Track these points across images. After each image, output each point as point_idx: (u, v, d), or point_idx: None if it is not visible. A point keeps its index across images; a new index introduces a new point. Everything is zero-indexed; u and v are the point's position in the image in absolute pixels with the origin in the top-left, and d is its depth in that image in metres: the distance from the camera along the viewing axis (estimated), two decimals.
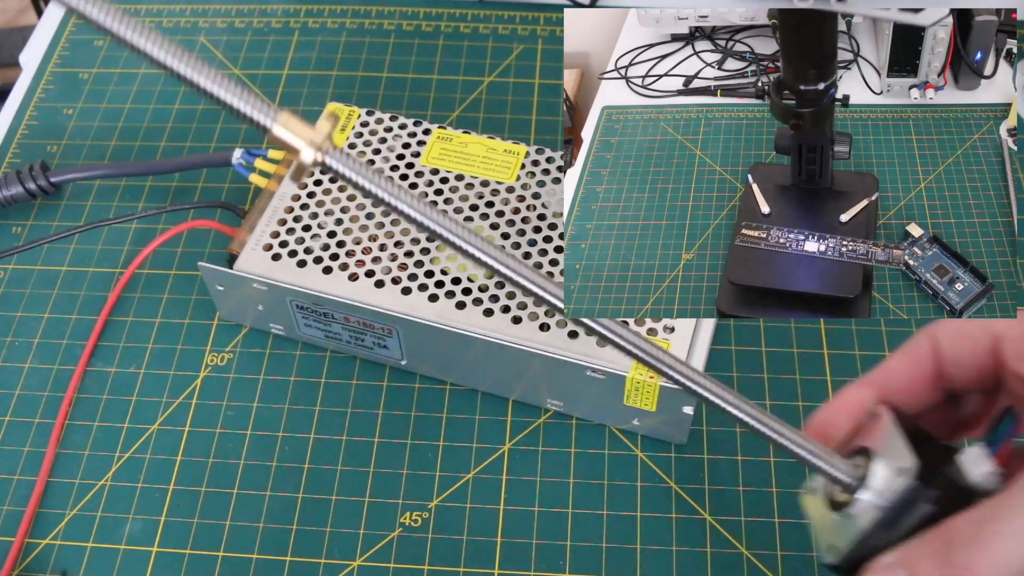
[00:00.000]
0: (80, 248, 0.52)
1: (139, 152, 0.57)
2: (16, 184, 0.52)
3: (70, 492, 0.44)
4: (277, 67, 0.60)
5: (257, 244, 0.45)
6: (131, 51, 0.23)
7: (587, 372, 0.41)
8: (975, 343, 0.28)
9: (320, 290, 0.43)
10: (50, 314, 0.50)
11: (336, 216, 0.46)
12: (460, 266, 0.44)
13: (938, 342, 0.28)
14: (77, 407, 0.46)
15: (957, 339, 0.28)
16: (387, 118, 0.50)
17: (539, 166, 0.48)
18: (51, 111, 0.59)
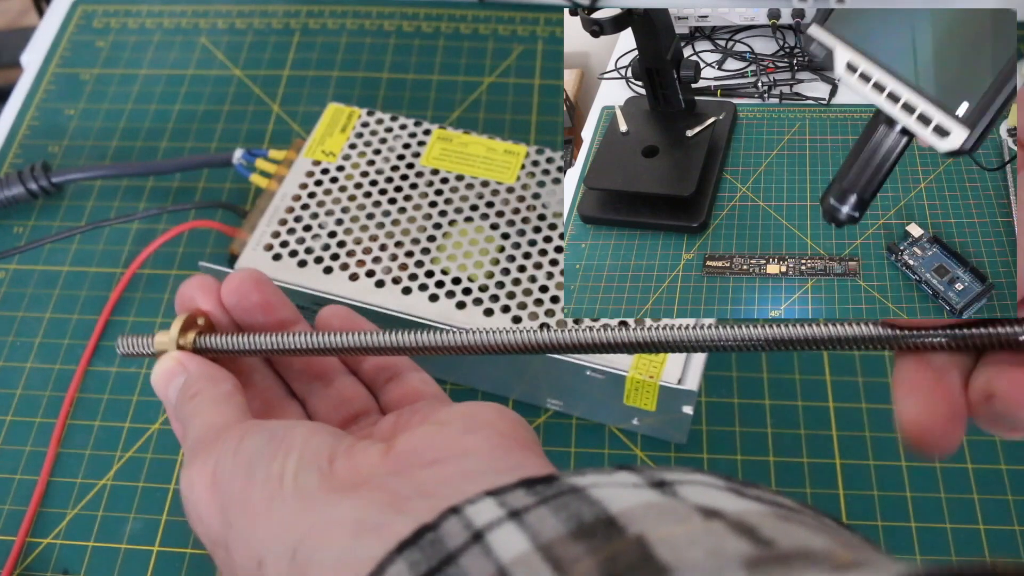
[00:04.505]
0: (81, 248, 0.52)
1: (140, 152, 0.57)
2: (17, 184, 0.53)
3: (71, 491, 0.44)
4: (278, 67, 0.60)
5: (258, 244, 0.45)
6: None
7: (587, 372, 0.41)
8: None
9: (320, 290, 0.43)
10: (51, 314, 0.50)
11: (337, 216, 0.46)
12: (460, 266, 0.44)
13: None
14: (78, 407, 0.46)
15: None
16: (387, 118, 0.50)
17: (539, 166, 0.48)
18: (52, 111, 0.59)
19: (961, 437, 0.24)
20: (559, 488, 0.21)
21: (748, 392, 0.46)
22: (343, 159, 0.48)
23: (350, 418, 0.33)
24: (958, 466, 0.44)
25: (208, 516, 0.26)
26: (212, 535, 0.26)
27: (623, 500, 0.20)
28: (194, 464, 0.27)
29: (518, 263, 0.44)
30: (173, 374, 0.31)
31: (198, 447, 0.27)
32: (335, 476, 0.25)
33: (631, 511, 0.19)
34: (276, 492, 0.24)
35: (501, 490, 0.21)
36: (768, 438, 0.45)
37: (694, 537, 0.18)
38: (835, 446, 0.45)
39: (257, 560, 0.24)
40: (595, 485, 0.20)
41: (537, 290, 0.43)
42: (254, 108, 0.58)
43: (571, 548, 0.18)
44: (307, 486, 0.24)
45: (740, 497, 0.20)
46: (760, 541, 0.18)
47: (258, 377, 0.34)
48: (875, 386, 0.47)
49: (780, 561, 0.17)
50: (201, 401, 0.29)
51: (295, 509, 0.24)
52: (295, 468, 0.25)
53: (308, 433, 0.26)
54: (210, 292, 0.33)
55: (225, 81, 0.60)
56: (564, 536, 0.19)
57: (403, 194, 0.47)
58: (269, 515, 0.24)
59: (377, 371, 0.34)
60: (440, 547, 0.20)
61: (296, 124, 0.57)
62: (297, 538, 0.23)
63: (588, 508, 0.19)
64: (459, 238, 0.45)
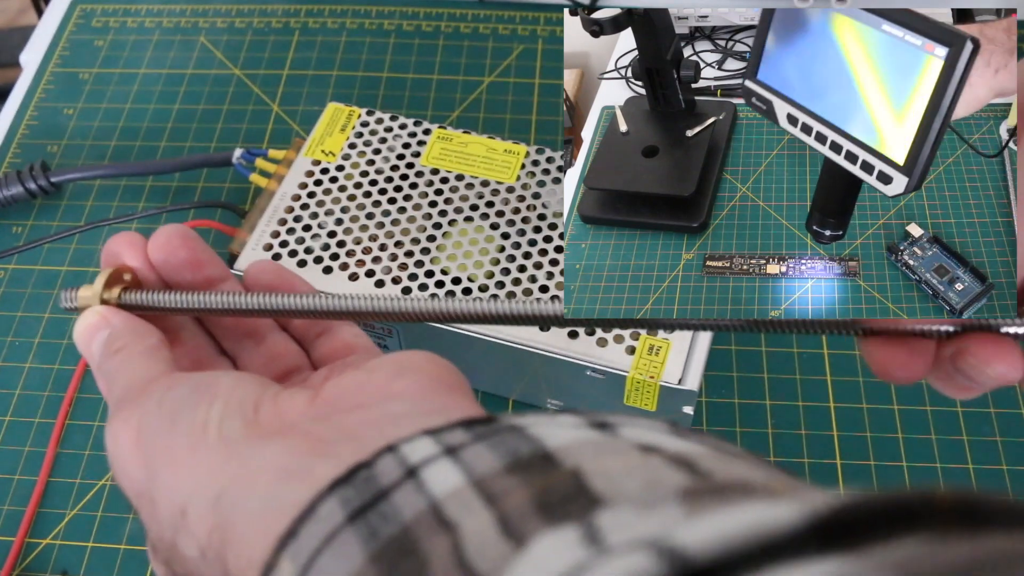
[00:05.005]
0: (80, 248, 0.52)
1: (139, 152, 0.57)
2: (16, 184, 0.52)
3: (70, 492, 0.44)
4: (277, 67, 0.60)
5: (257, 244, 0.45)
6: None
7: (587, 372, 0.41)
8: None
9: (320, 290, 0.43)
10: (50, 314, 0.50)
11: (336, 216, 0.46)
12: (460, 266, 0.44)
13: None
14: (77, 407, 0.46)
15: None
16: (387, 118, 0.50)
17: (539, 166, 0.48)
18: (51, 111, 0.59)
19: (923, 373, 0.25)
20: (497, 427, 0.21)
21: (749, 392, 0.46)
22: (343, 159, 0.48)
23: (282, 375, 0.33)
24: (959, 467, 0.44)
25: (133, 469, 0.26)
26: (137, 488, 0.26)
27: (561, 437, 0.20)
28: (118, 417, 0.26)
29: (518, 263, 0.44)
30: (97, 328, 0.31)
31: (123, 401, 0.27)
32: (259, 423, 0.24)
33: (568, 446, 0.19)
34: (200, 441, 0.24)
35: (439, 429, 0.21)
36: (769, 438, 0.45)
37: (630, 469, 0.18)
38: (836, 446, 0.44)
39: (180, 509, 0.24)
40: (534, 424, 0.20)
41: (537, 290, 0.43)
42: (253, 107, 0.58)
43: (505, 481, 0.18)
44: (231, 433, 0.24)
45: (682, 439, 0.20)
46: (697, 473, 0.18)
47: (187, 335, 0.33)
48: (876, 386, 0.47)
49: (716, 491, 0.17)
50: (126, 355, 0.29)
51: (218, 457, 0.24)
52: (219, 416, 0.25)
53: (233, 382, 0.26)
54: (137, 248, 0.32)
55: (224, 80, 0.60)
56: (499, 470, 0.19)
57: (403, 194, 0.47)
58: (192, 464, 0.24)
59: (307, 326, 0.34)
60: (373, 483, 0.20)
61: (296, 124, 0.57)
62: (220, 486, 0.23)
63: (525, 444, 0.19)
64: (459, 238, 0.45)
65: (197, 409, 0.25)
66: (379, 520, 0.19)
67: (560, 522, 0.16)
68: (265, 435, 0.24)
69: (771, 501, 0.15)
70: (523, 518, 0.17)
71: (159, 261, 0.32)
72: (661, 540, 0.14)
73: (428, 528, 0.18)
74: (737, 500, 0.16)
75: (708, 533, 0.14)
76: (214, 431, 0.24)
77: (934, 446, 0.45)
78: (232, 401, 0.25)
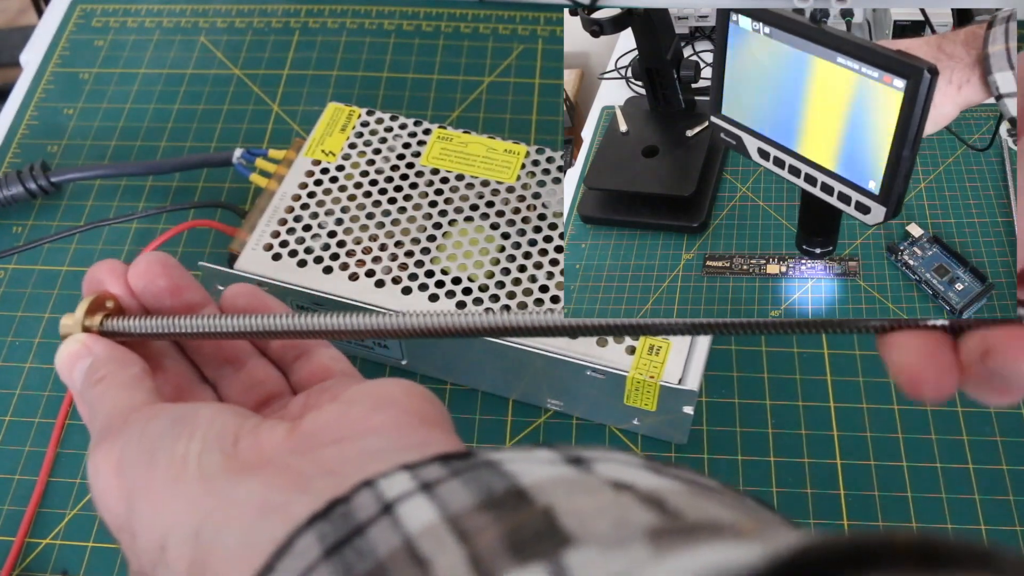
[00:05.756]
0: (80, 248, 0.52)
1: (139, 152, 0.57)
2: (16, 184, 0.52)
3: (70, 492, 0.44)
4: (277, 67, 0.60)
5: (257, 244, 0.45)
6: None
7: (587, 372, 0.41)
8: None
9: (320, 290, 0.43)
10: (51, 314, 0.50)
11: (336, 216, 0.46)
12: (460, 266, 0.44)
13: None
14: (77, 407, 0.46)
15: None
16: (387, 118, 0.50)
17: (539, 166, 0.48)
18: (51, 111, 0.59)
19: (954, 387, 0.24)
20: (473, 462, 0.21)
21: (749, 392, 0.46)
22: (343, 159, 0.48)
23: (262, 401, 0.33)
24: (959, 467, 0.44)
25: (114, 502, 0.26)
26: (118, 521, 0.26)
27: (535, 473, 0.20)
28: (99, 449, 0.27)
29: (518, 263, 0.44)
30: (78, 356, 0.31)
31: (104, 432, 0.27)
32: (239, 457, 0.24)
33: (541, 483, 0.19)
34: (180, 474, 0.24)
35: (416, 464, 0.21)
36: (769, 438, 0.45)
37: (601, 508, 0.18)
38: (836, 446, 0.44)
39: (160, 544, 0.24)
40: (510, 460, 0.20)
41: (537, 290, 0.43)
42: (254, 107, 0.58)
43: (478, 518, 0.18)
44: (210, 467, 0.24)
45: (656, 475, 0.20)
46: (667, 513, 0.18)
47: (169, 362, 0.33)
48: (876, 386, 0.47)
49: (684, 532, 0.17)
50: (108, 385, 0.29)
51: (198, 491, 0.24)
52: (199, 449, 0.25)
53: (212, 414, 0.26)
54: (118, 275, 0.33)
55: (224, 80, 0.60)
56: (472, 507, 0.19)
57: (403, 194, 0.47)
58: (172, 498, 0.24)
59: (285, 349, 0.34)
60: (350, 519, 0.20)
61: (296, 124, 0.57)
62: (199, 520, 0.23)
63: (499, 480, 0.20)
64: (459, 238, 0.45)
65: (177, 442, 0.25)
66: (354, 556, 0.19)
67: (529, 561, 0.17)
68: (244, 469, 0.24)
69: (735, 542, 0.15)
70: (494, 556, 0.17)
71: (139, 288, 0.33)
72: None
73: (402, 565, 0.18)
74: (704, 540, 0.16)
75: (674, 574, 0.14)
76: (193, 465, 0.24)
77: (934, 446, 0.45)
78: (211, 434, 0.25)
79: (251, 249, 0.45)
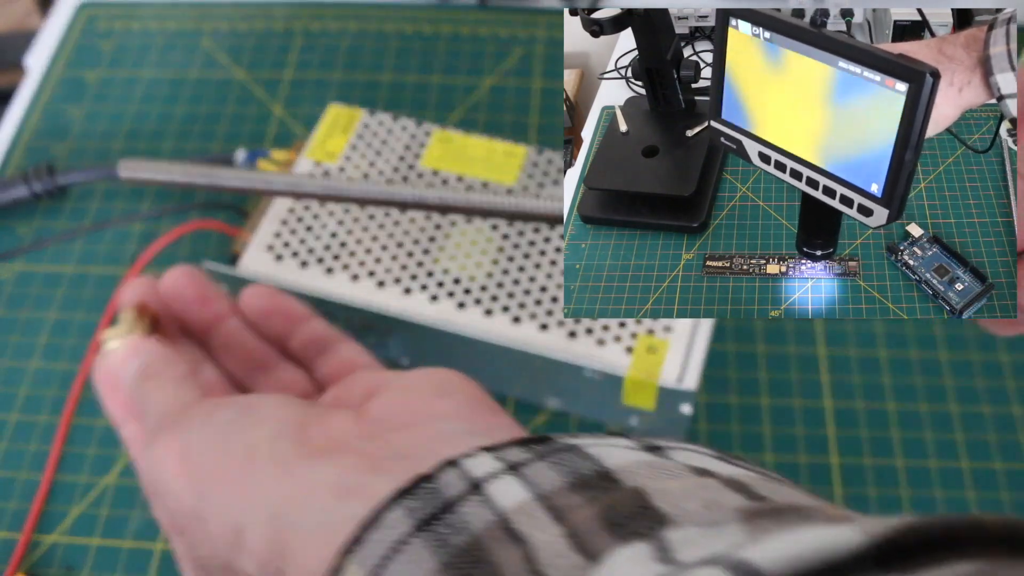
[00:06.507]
0: (85, 249, 0.53)
1: (143, 154, 0.57)
2: (21, 186, 0.53)
3: (76, 490, 0.44)
4: (279, 69, 0.61)
5: (260, 244, 0.45)
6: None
7: (585, 372, 0.41)
8: None
9: (322, 290, 0.44)
10: (56, 314, 0.50)
11: (338, 216, 0.46)
12: (460, 266, 0.44)
13: None
14: (83, 406, 0.47)
15: None
16: (388, 119, 0.50)
17: (539, 167, 0.48)
18: (56, 113, 0.59)
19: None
20: (555, 446, 0.21)
21: (746, 392, 0.46)
22: (344, 160, 0.49)
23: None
24: (952, 465, 0.44)
25: (179, 490, 0.26)
26: (183, 510, 0.26)
27: (619, 457, 0.20)
28: (159, 442, 0.27)
29: (518, 263, 0.45)
30: (129, 356, 0.31)
31: (163, 424, 0.27)
32: (309, 443, 0.25)
33: (627, 467, 0.19)
34: (253, 460, 0.25)
35: (497, 447, 0.21)
36: (765, 437, 0.45)
37: (689, 491, 0.18)
38: (832, 445, 0.45)
39: (235, 528, 0.24)
40: (591, 445, 0.21)
41: (537, 290, 0.44)
42: (256, 110, 0.59)
43: (571, 498, 0.18)
44: (282, 453, 0.24)
45: (728, 463, 0.21)
46: (754, 496, 0.18)
47: (206, 367, 0.34)
48: (872, 386, 0.47)
49: (774, 513, 0.17)
50: (161, 381, 0.30)
51: (273, 476, 0.24)
52: (269, 436, 0.25)
53: (277, 403, 0.27)
54: (151, 289, 0.34)
55: (227, 83, 0.60)
56: (563, 487, 0.19)
57: None
58: (246, 483, 0.24)
59: (305, 347, 0.34)
60: (438, 496, 0.20)
61: (298, 125, 0.58)
62: (277, 504, 0.23)
63: (585, 463, 0.20)
64: (459, 238, 0.45)
65: (246, 430, 0.25)
66: (448, 530, 0.19)
67: (630, 539, 0.17)
68: (316, 454, 0.24)
69: (831, 524, 0.16)
70: (592, 533, 0.17)
71: (170, 299, 0.34)
72: (733, 558, 0.15)
73: (498, 539, 0.18)
74: (797, 522, 0.16)
75: (777, 552, 0.14)
76: (265, 451, 0.25)
77: (931, 446, 0.45)
78: (279, 422, 0.26)
79: (254, 250, 0.45)
